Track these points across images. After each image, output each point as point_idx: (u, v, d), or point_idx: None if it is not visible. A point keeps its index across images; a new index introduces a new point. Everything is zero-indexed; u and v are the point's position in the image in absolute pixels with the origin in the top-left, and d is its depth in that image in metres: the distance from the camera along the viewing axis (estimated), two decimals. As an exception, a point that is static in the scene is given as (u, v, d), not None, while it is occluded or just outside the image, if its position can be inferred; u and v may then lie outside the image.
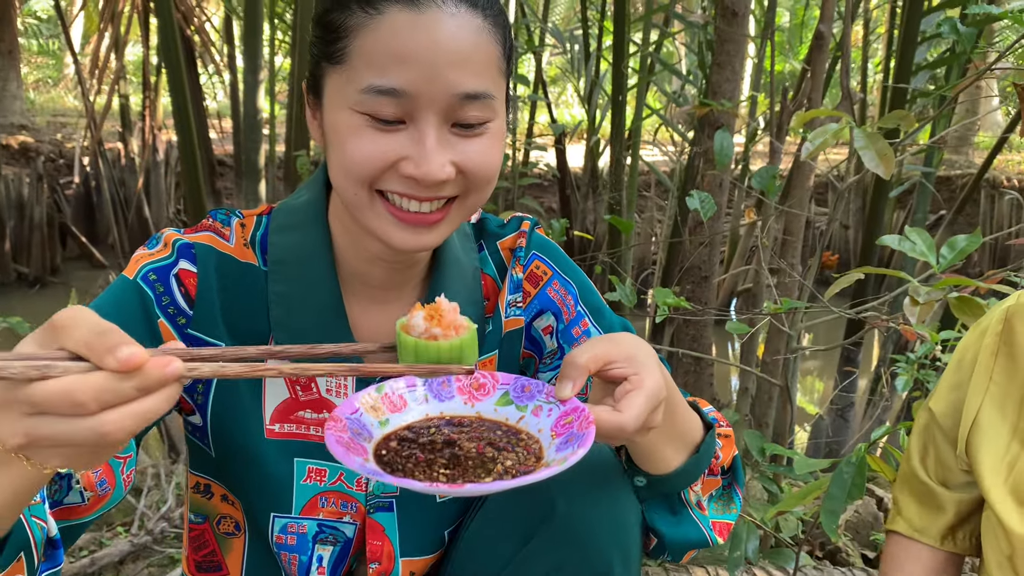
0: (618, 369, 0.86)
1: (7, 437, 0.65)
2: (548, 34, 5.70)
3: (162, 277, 1.02)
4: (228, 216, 1.09)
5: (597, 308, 1.18)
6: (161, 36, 4.73)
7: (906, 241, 1.71)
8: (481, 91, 0.92)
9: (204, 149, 6.75)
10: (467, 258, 1.14)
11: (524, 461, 0.81)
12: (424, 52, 0.89)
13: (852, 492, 1.44)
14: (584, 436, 0.78)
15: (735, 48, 2.95)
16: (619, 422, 0.82)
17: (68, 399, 0.63)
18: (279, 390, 1.06)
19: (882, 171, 1.61)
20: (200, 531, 1.16)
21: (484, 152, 0.95)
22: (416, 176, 0.91)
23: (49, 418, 0.64)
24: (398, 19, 0.89)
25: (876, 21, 7.25)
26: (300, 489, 1.08)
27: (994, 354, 1.20)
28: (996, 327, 1.21)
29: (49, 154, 10.55)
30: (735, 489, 1.12)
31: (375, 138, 0.91)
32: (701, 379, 3.12)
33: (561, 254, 1.21)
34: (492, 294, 1.17)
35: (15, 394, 0.64)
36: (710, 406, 1.12)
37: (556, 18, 14.58)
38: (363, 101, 0.90)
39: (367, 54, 0.90)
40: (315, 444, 1.07)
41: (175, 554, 2.33)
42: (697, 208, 2.03)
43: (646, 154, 10.01)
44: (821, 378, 6.96)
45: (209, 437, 1.08)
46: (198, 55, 7.61)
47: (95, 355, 0.64)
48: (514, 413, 0.88)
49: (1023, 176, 10.82)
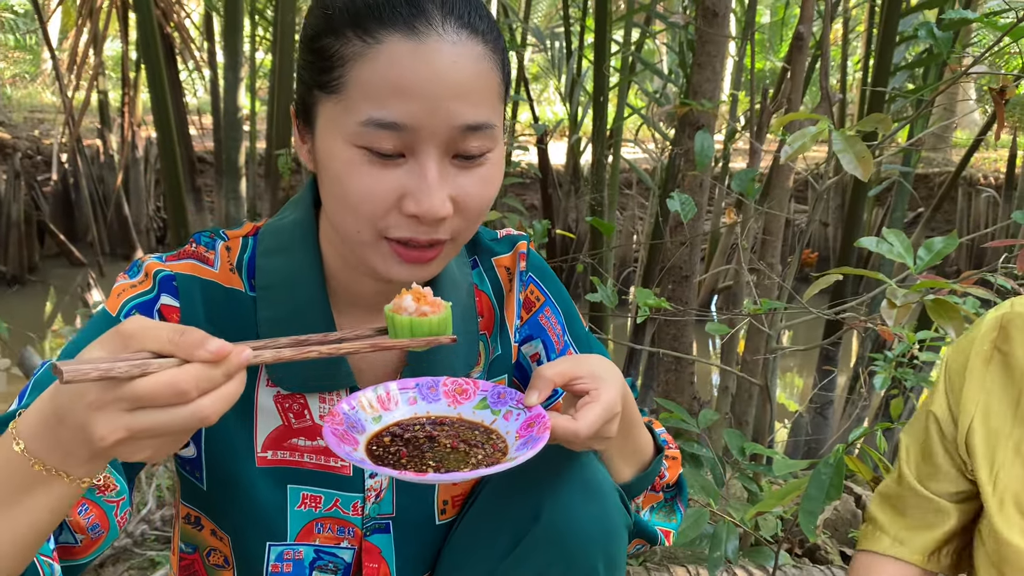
0: (581, 384, 0.97)
1: (107, 434, 0.69)
2: (529, 33, 5.70)
3: (145, 314, 0.99)
4: (213, 239, 1.06)
5: (579, 338, 1.21)
6: (140, 32, 4.69)
7: (883, 243, 1.73)
8: (483, 122, 0.90)
9: (184, 146, 6.70)
10: (462, 275, 1.13)
11: (490, 456, 0.91)
12: (425, 84, 0.86)
13: (830, 493, 1.46)
14: (539, 439, 0.89)
15: (715, 48, 2.97)
16: (574, 428, 0.93)
17: (173, 389, 0.69)
18: (271, 419, 1.05)
19: (860, 173, 1.63)
20: (191, 561, 1.15)
21: (482, 183, 0.94)
22: (418, 213, 0.89)
23: (149, 411, 0.69)
24: (397, 49, 0.86)
25: (856, 19, 7.31)
26: (294, 516, 1.07)
27: (987, 361, 1.17)
28: (990, 334, 1.17)
29: (27, 151, 10.45)
30: (678, 503, 1.23)
31: (375, 174, 0.89)
32: (682, 378, 3.13)
33: (553, 277, 1.22)
34: (487, 311, 1.16)
35: (114, 393, 0.68)
36: (662, 428, 1.22)
37: (539, 16, 14.58)
38: (361, 134, 0.88)
39: (365, 85, 0.87)
40: (309, 471, 1.06)
41: (156, 556, 2.32)
42: (678, 210, 2.04)
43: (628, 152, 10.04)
44: (801, 375, 7.02)
45: (203, 469, 1.06)
46: (178, 51, 7.55)
47: (183, 350, 0.70)
48: (489, 416, 0.98)
49: (999, 174, 10.93)
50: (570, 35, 5.65)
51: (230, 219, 5.84)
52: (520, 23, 5.74)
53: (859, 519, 2.68)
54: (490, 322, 1.16)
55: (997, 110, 1.58)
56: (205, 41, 8.15)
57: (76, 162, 9.34)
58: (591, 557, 1.02)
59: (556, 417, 0.93)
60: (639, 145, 5.59)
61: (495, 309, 1.16)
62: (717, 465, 2.13)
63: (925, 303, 1.56)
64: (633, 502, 1.14)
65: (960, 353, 1.21)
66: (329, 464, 1.07)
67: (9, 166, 8.97)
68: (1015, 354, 1.14)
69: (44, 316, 8.23)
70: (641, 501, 1.17)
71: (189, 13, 8.27)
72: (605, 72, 4.27)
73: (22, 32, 17.42)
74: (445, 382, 1.01)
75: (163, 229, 9.98)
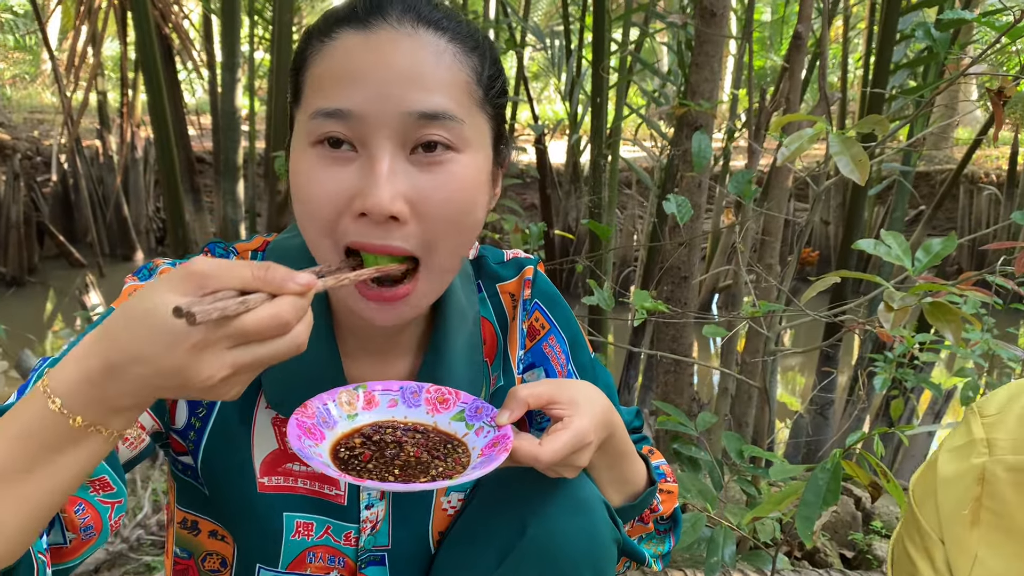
0: (558, 409, 0.95)
1: (215, 372, 0.69)
2: (528, 32, 5.68)
3: None
4: (226, 252, 1.04)
5: (583, 366, 1.18)
6: (138, 32, 4.66)
7: (881, 245, 1.71)
8: (438, 110, 0.86)
9: (182, 147, 6.68)
10: (469, 304, 1.09)
11: (449, 470, 0.89)
12: (372, 71, 0.85)
13: (827, 498, 1.44)
14: (495, 459, 0.87)
15: (713, 48, 2.94)
16: (534, 453, 0.91)
17: (278, 321, 0.70)
18: (268, 442, 1.03)
19: (857, 177, 1.61)
20: (185, 566, 1.14)
21: (444, 186, 0.88)
22: (365, 209, 0.85)
23: (252, 345, 0.71)
24: (349, 41, 0.87)
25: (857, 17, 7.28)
26: (288, 544, 1.05)
27: (974, 524, 0.93)
28: (972, 489, 0.93)
29: (26, 152, 10.45)
30: (669, 536, 1.20)
31: (328, 174, 0.87)
32: (681, 379, 3.12)
33: (560, 302, 1.18)
34: (489, 338, 1.13)
35: (220, 332, 0.69)
36: (661, 459, 1.19)
37: (539, 14, 14.56)
38: (312, 129, 0.87)
39: (317, 80, 0.87)
40: (303, 497, 1.04)
41: (151, 562, 2.31)
42: (674, 212, 2.02)
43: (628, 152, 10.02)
44: (803, 374, 7.00)
45: (201, 478, 1.05)
46: (176, 52, 7.53)
47: (273, 285, 0.71)
48: (463, 429, 0.97)
49: (1001, 172, 10.90)
50: (570, 34, 5.63)
51: (228, 220, 5.82)
52: (519, 22, 5.72)
53: (858, 521, 2.67)
54: (492, 350, 1.13)
55: (995, 110, 1.56)
56: (204, 41, 8.14)
57: (75, 163, 9.33)
58: (578, 570, 1.00)
59: (522, 439, 0.91)
60: (638, 144, 5.58)
61: (498, 337, 1.13)
62: (715, 468, 2.12)
63: (923, 307, 1.55)
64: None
65: (929, 510, 0.98)
66: (323, 491, 1.05)
67: (8, 167, 8.96)
68: (1014, 516, 0.90)
69: (43, 318, 8.22)
70: (628, 531, 1.13)
71: (187, 13, 8.25)
72: (603, 72, 4.25)
73: (21, 33, 17.41)
74: (428, 389, 0.99)
75: (163, 230, 9.96)
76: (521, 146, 4.69)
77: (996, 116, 1.58)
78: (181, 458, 1.06)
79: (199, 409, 1.02)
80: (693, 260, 3.01)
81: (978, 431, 0.95)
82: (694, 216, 2.88)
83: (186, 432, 1.03)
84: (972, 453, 0.94)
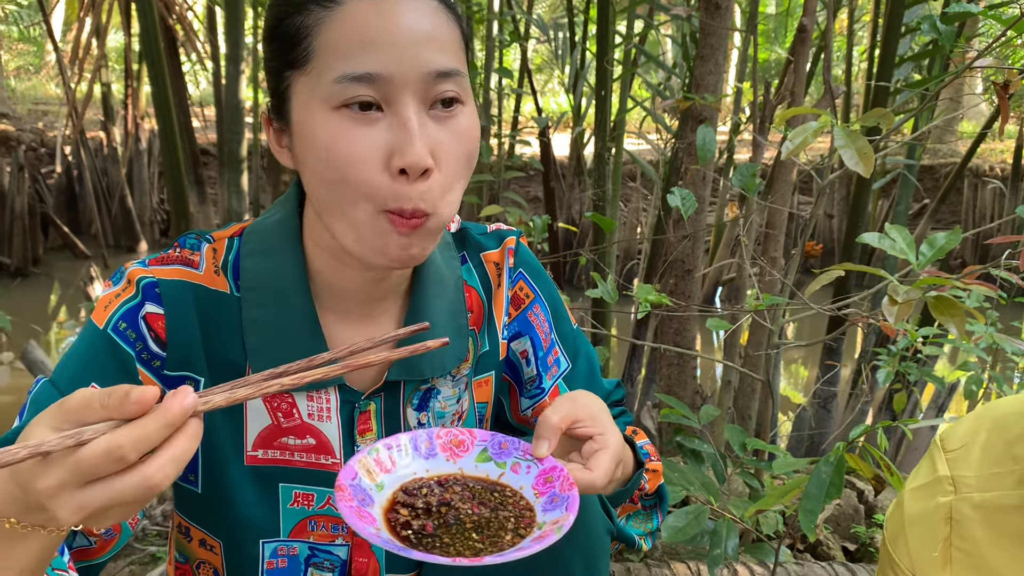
0: (583, 428, 0.96)
1: (68, 516, 0.68)
2: (533, 25, 5.67)
3: (132, 323, 0.99)
4: (198, 241, 1.05)
5: (565, 336, 1.21)
6: (142, 24, 4.67)
7: (886, 239, 1.71)
8: (451, 68, 0.91)
9: (187, 138, 6.69)
10: (448, 269, 1.12)
11: (520, 517, 0.87)
12: (390, 35, 0.88)
13: (830, 491, 1.45)
14: (570, 498, 0.86)
15: (718, 41, 2.94)
16: (591, 480, 0.92)
17: (110, 455, 0.67)
18: (261, 417, 1.05)
19: (862, 169, 1.61)
20: (184, 571, 1.16)
21: (456, 137, 0.93)
22: (405, 165, 0.88)
23: (98, 484, 0.68)
24: (358, 7, 0.89)
25: (861, 9, 7.26)
26: (287, 513, 1.07)
27: (944, 565, 0.92)
28: (941, 529, 0.92)
29: (30, 143, 10.47)
30: (656, 512, 1.23)
31: (358, 133, 0.89)
32: (684, 372, 3.12)
33: (543, 274, 1.22)
34: (476, 307, 1.16)
35: (60, 474, 0.67)
36: (645, 439, 1.21)
37: (543, 6, 14.53)
38: (337, 93, 0.88)
39: (333, 45, 0.89)
40: (300, 470, 1.06)
41: (156, 552, 2.32)
42: (679, 205, 2.02)
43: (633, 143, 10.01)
44: (807, 366, 7.00)
45: (198, 471, 1.06)
46: (180, 43, 7.53)
47: (116, 411, 0.68)
48: (494, 470, 0.94)
49: (1006, 165, 10.88)
50: (574, 26, 5.62)
51: (232, 211, 5.83)
52: (523, 14, 5.71)
53: (861, 515, 2.67)
54: (479, 318, 1.16)
55: (1001, 104, 1.56)
56: (208, 32, 8.14)
57: (80, 154, 9.35)
58: (568, 566, 1.02)
59: (571, 469, 0.91)
60: (643, 137, 5.57)
61: (484, 304, 1.16)
62: (718, 461, 2.12)
63: (927, 300, 1.55)
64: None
65: (901, 548, 0.97)
66: (320, 462, 1.07)
67: (13, 158, 8.97)
68: (984, 555, 0.89)
69: (48, 309, 8.24)
70: (618, 511, 1.16)
71: (191, 5, 8.25)
72: (607, 65, 4.25)
73: (26, 24, 17.41)
74: (439, 434, 0.95)
75: (167, 221, 9.99)
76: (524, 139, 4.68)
77: (1002, 110, 1.58)
78: None
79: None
80: (697, 253, 3.01)
81: (942, 468, 0.94)
82: (698, 209, 2.88)
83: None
84: (938, 491, 0.93)
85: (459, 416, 1.15)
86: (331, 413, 1.05)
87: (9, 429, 0.93)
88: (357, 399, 1.06)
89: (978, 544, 0.89)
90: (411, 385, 1.09)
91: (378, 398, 1.08)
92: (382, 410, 1.08)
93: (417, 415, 1.11)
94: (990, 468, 0.90)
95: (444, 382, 1.12)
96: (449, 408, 1.13)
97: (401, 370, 1.06)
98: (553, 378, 1.20)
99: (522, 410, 1.23)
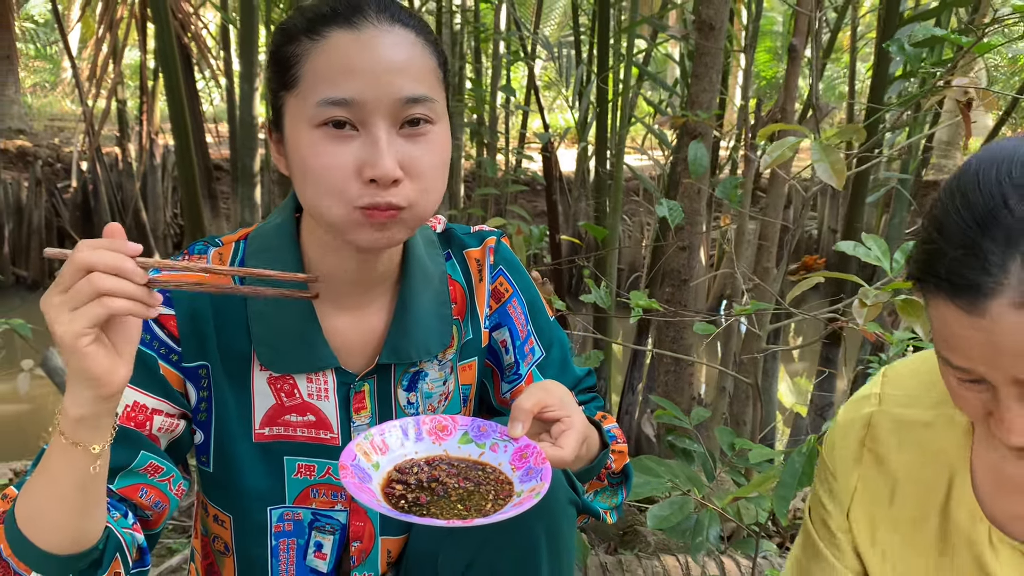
0: (551, 412, 1.08)
1: (63, 332, 0.86)
2: (539, 44, 5.81)
3: (147, 328, 1.13)
4: (206, 246, 1.20)
5: (541, 328, 1.34)
6: (158, 42, 4.80)
7: (860, 247, 1.83)
8: (421, 94, 1.05)
9: (201, 154, 6.84)
10: (434, 264, 1.25)
11: (499, 489, 1.01)
12: (367, 64, 1.03)
13: (802, 480, 1.55)
14: (543, 470, 0.99)
15: (712, 60, 3.06)
16: (560, 456, 1.05)
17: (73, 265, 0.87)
18: (266, 398, 1.18)
19: (835, 183, 1.73)
20: (204, 542, 1.31)
21: (427, 151, 1.07)
22: (375, 176, 1.02)
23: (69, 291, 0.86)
24: (341, 40, 1.04)
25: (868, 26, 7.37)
26: (291, 482, 1.21)
27: (856, 462, 1.10)
28: (858, 432, 1.10)
29: (47, 158, 10.65)
30: (622, 488, 1.35)
31: (335, 149, 1.03)
32: (681, 378, 3.23)
33: (521, 269, 1.35)
34: (460, 298, 1.29)
35: (52, 300, 0.86)
36: (614, 423, 1.34)
37: (552, 24, 14.71)
38: (318, 114, 1.03)
39: (317, 72, 1.04)
40: (301, 443, 1.20)
41: (172, 544, 2.43)
42: (666, 215, 2.14)
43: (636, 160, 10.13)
44: (807, 377, 7.08)
45: (209, 452, 1.20)
46: (195, 61, 7.70)
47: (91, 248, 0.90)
48: (475, 450, 1.08)
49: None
50: (580, 44, 5.76)
51: (245, 225, 5.94)
52: (530, 34, 5.85)
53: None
54: (463, 308, 1.29)
55: (964, 119, 1.68)
56: (222, 51, 8.31)
57: (95, 169, 9.49)
58: (532, 529, 1.13)
59: (543, 447, 1.04)
60: (645, 152, 5.69)
61: (467, 296, 1.29)
62: (707, 460, 2.23)
63: (895, 303, 1.66)
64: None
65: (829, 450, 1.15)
66: (319, 437, 1.20)
67: (30, 174, 9.17)
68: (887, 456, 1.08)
69: (64, 320, 8.37)
70: (586, 487, 1.28)
71: (207, 24, 8.43)
72: (602, 84, 4.39)
73: (43, 42, 17.71)
74: (424, 420, 1.10)
75: (180, 235, 10.13)
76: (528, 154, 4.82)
77: (965, 125, 1.69)
78: (194, 438, 1.22)
79: (202, 381, 1.18)
80: (693, 263, 3.13)
81: (875, 388, 1.12)
82: (694, 222, 3.00)
83: (198, 405, 1.19)
84: (865, 404, 1.12)
85: (446, 396, 1.28)
86: (328, 393, 1.19)
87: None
88: (352, 380, 1.20)
89: (883, 446, 1.08)
90: (401, 368, 1.23)
91: (371, 380, 1.21)
92: (375, 390, 1.22)
93: (407, 395, 1.24)
94: (916, 391, 1.08)
95: (431, 365, 1.25)
96: (436, 389, 1.26)
97: (391, 354, 1.20)
98: (529, 365, 1.33)
99: (503, 393, 1.36)
